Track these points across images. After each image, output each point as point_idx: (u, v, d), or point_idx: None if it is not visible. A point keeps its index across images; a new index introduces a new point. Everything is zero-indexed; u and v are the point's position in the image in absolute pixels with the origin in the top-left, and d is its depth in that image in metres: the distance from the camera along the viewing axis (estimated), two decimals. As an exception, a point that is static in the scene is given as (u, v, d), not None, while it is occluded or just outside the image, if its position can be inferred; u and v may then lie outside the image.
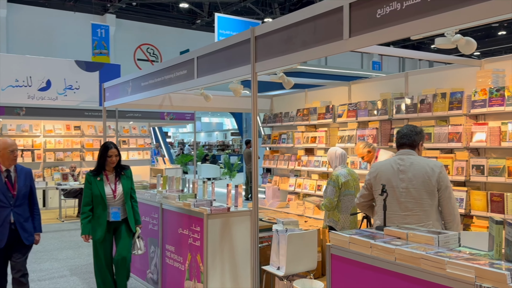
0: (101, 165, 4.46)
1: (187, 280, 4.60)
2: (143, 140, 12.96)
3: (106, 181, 4.46)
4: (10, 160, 4.05)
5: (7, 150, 4.03)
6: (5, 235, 4.03)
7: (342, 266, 2.94)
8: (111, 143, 4.49)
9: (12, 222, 4.06)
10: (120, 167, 4.54)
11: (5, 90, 11.65)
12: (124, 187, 4.50)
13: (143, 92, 5.46)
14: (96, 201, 4.38)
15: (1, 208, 4.04)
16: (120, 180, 4.51)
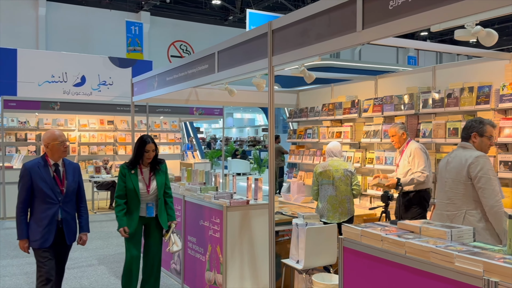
0: (137, 159, 4.27)
1: (208, 271, 4.68)
2: (174, 135, 13.19)
3: (140, 175, 4.27)
4: (59, 152, 3.78)
5: (56, 141, 3.75)
6: (52, 234, 3.76)
7: (354, 259, 2.93)
8: (149, 137, 4.28)
9: (59, 220, 3.79)
10: (155, 161, 4.34)
11: (42, 86, 12.13)
12: (158, 183, 4.31)
13: (168, 87, 5.58)
14: (129, 195, 4.23)
15: (49, 205, 3.75)
16: (155, 175, 4.32)
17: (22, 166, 3.78)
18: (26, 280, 5.44)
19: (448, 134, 5.19)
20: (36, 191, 3.72)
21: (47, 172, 3.75)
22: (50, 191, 3.74)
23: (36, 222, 3.74)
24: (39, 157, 3.84)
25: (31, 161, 3.82)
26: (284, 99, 8.24)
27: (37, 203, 3.73)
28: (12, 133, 11.33)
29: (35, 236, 3.73)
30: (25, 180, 3.72)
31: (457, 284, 2.27)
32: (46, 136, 3.81)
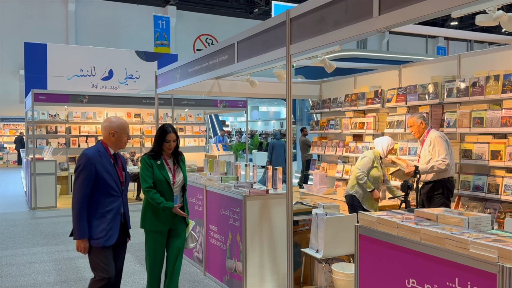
0: (158, 149, 4.00)
1: (228, 259, 4.75)
2: (199, 128, 13.32)
3: (166, 166, 4.02)
4: (122, 144, 3.52)
5: (125, 132, 3.51)
6: (116, 230, 3.45)
7: (369, 246, 2.93)
8: (170, 126, 4.03)
9: (122, 213, 3.52)
10: (178, 152, 4.12)
11: (71, 80, 12.45)
12: (184, 173, 4.13)
13: (190, 78, 5.65)
14: (160, 187, 3.93)
15: (114, 198, 3.44)
16: (179, 165, 4.12)
17: (83, 155, 3.36)
18: (55, 266, 5.63)
19: (473, 124, 5.09)
20: (98, 183, 3.35)
21: (109, 162, 3.43)
22: (114, 182, 3.43)
23: (98, 218, 3.36)
24: (96, 146, 3.47)
25: (90, 149, 3.45)
26: (307, 90, 8.22)
27: (98, 197, 3.36)
28: (43, 126, 11.68)
29: (98, 233, 3.35)
30: (88, 171, 3.31)
31: (472, 270, 2.25)
32: (115, 124, 3.49)
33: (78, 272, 5.37)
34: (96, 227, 3.36)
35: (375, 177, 5.35)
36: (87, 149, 3.49)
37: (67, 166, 11.79)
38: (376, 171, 5.36)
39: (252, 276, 4.50)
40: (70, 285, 4.93)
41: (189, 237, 4.20)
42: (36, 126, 11.50)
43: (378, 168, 5.38)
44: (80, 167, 3.34)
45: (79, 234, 3.32)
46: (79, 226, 3.31)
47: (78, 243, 3.35)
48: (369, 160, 5.39)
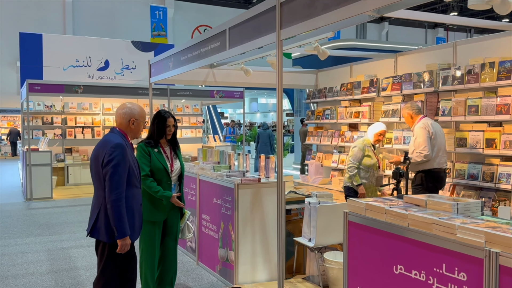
0: (157, 136, 3.87)
1: (221, 248, 4.72)
2: (196, 119, 13.26)
3: (164, 154, 3.90)
4: (139, 133, 3.29)
5: (144, 120, 3.28)
6: (140, 223, 3.27)
7: (358, 233, 2.89)
8: (167, 112, 3.94)
9: (141, 204, 3.31)
10: (174, 140, 4.02)
11: (67, 70, 12.37)
12: (181, 161, 4.03)
13: (183, 66, 5.58)
14: (158, 175, 3.82)
15: (136, 189, 3.21)
16: (176, 153, 4.02)
17: (118, 146, 3.02)
18: (48, 256, 5.60)
19: (468, 112, 5.03)
20: (129, 175, 3.10)
21: (131, 152, 3.20)
22: (137, 173, 3.21)
23: (127, 213, 3.06)
24: (116, 134, 3.16)
25: (117, 137, 3.12)
26: (303, 80, 8.16)
27: (128, 190, 3.10)
28: (38, 117, 11.63)
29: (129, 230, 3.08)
30: (126, 164, 3.04)
31: (459, 255, 2.21)
32: (136, 111, 3.22)
33: (71, 262, 5.34)
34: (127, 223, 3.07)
35: (368, 165, 5.31)
36: (112, 137, 3.13)
37: (63, 157, 11.75)
38: (368, 159, 5.32)
39: (244, 265, 4.47)
40: (61, 275, 4.91)
41: (185, 227, 4.14)
42: (32, 117, 11.45)
43: (371, 156, 5.34)
44: (115, 158, 3.00)
45: (123, 232, 3.00)
46: (122, 224, 2.99)
47: (122, 242, 3.01)
48: (358, 150, 5.36)
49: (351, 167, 5.32)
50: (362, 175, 5.30)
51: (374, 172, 5.33)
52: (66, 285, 4.59)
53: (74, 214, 8.19)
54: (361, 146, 5.38)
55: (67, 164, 11.69)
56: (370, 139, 5.39)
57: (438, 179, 4.88)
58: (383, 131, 5.38)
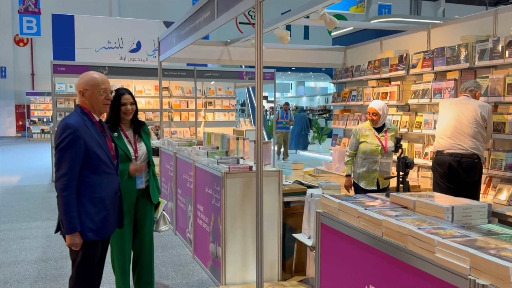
0: (115, 117, 3.42)
1: (211, 243, 4.26)
2: (229, 102, 12.82)
3: (125, 138, 3.46)
4: (99, 104, 2.76)
5: (98, 88, 2.72)
6: (116, 217, 2.89)
7: (331, 239, 2.32)
8: (123, 89, 3.50)
9: (119, 195, 2.91)
10: (137, 121, 3.57)
11: (99, 52, 12.28)
12: (148, 145, 3.60)
13: (182, 42, 5.11)
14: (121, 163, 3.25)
15: (109, 176, 2.78)
16: (142, 138, 3.58)
17: (66, 126, 2.60)
18: (44, 243, 5.40)
19: (507, 91, 4.22)
20: (90, 159, 2.66)
21: (97, 132, 2.73)
22: (106, 157, 2.75)
23: (96, 205, 2.69)
24: (77, 111, 2.75)
25: (72, 116, 2.71)
26: (329, 58, 7.46)
27: (93, 177, 2.68)
28: (71, 99, 11.63)
29: (97, 223, 2.69)
30: (76, 146, 2.60)
31: (437, 282, 1.60)
32: (82, 80, 2.74)
33: (64, 250, 5.09)
34: (95, 216, 2.67)
35: (365, 151, 4.65)
36: (68, 116, 2.74)
37: (95, 139, 11.74)
38: (364, 145, 4.64)
39: (233, 264, 3.98)
40: (48, 264, 4.65)
41: (160, 219, 3.70)
42: (64, 99, 11.46)
43: (368, 141, 4.65)
44: (64, 141, 2.57)
45: (70, 227, 2.58)
46: (69, 218, 2.57)
47: (70, 239, 2.60)
48: (352, 136, 4.73)
49: (345, 155, 4.75)
50: (359, 163, 4.65)
51: (375, 158, 4.63)
52: (47, 276, 4.32)
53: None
54: (354, 131, 4.77)
55: (99, 147, 11.67)
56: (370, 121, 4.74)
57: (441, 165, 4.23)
58: (370, 109, 4.68)
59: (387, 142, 4.63)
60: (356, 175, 4.73)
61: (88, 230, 2.65)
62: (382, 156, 4.59)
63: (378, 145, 4.60)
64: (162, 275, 4.38)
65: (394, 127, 4.86)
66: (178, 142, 5.76)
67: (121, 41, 12.36)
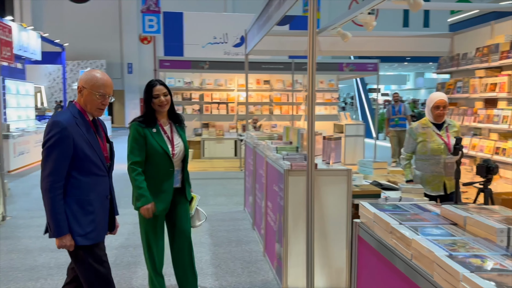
0: (149, 111, 3.22)
1: (277, 242, 4.06)
2: (330, 95, 12.40)
3: (164, 134, 3.26)
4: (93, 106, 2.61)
5: (97, 90, 2.58)
6: (106, 220, 2.71)
7: (367, 256, 1.98)
8: (156, 80, 3.27)
9: (110, 198, 2.75)
10: (174, 114, 3.37)
11: (205, 47, 12.69)
12: (185, 142, 3.38)
13: (259, 33, 4.96)
14: (155, 160, 3.21)
15: (100, 178, 2.63)
16: (178, 133, 3.37)
17: (55, 124, 2.48)
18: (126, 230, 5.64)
19: None
20: (79, 160, 2.52)
21: (88, 131, 2.59)
22: (98, 158, 2.60)
23: (84, 207, 2.55)
24: (70, 109, 2.61)
25: (63, 114, 2.58)
26: (434, 45, 6.73)
27: (81, 179, 2.54)
28: (179, 93, 12.21)
29: (86, 227, 2.54)
30: (64, 146, 2.47)
31: (460, 330, 1.22)
32: (83, 77, 2.62)
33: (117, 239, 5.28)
34: (83, 220, 2.53)
35: (425, 152, 4.02)
36: (58, 113, 2.61)
37: (200, 131, 12.19)
38: (423, 145, 4.01)
39: (295, 267, 3.74)
40: (127, 251, 4.87)
41: (195, 214, 3.55)
42: (173, 93, 12.08)
43: (428, 140, 4.00)
44: (51, 140, 2.45)
45: (58, 230, 2.46)
46: (56, 220, 2.45)
47: (59, 242, 2.48)
48: (408, 136, 4.10)
49: (401, 158, 4.18)
50: (420, 166, 4.04)
51: (438, 158, 3.97)
52: (122, 263, 4.52)
53: (188, 188, 8.31)
54: (409, 130, 4.16)
55: (203, 139, 12.09)
56: (428, 117, 4.06)
57: None
58: (440, 102, 3.93)
59: (450, 139, 3.97)
60: (418, 180, 4.14)
61: (76, 234, 2.51)
62: (447, 155, 3.94)
63: (440, 144, 3.97)
64: (228, 270, 4.31)
65: (455, 123, 4.15)
66: (258, 136, 5.64)
67: (226, 36, 12.65)
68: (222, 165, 10.99)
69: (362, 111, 17.66)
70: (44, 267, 4.37)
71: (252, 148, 5.56)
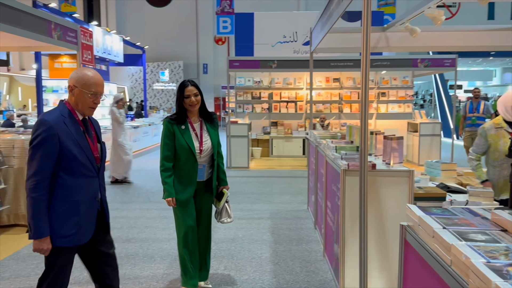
0: (180, 110, 3.47)
1: (335, 243, 4.01)
2: (405, 92, 11.94)
3: (192, 131, 3.49)
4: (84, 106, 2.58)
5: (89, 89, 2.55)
6: (93, 223, 2.64)
7: (413, 261, 1.91)
8: (188, 80, 3.50)
9: (99, 199, 2.68)
10: (206, 113, 3.58)
11: (275, 46, 12.76)
12: (213, 140, 3.56)
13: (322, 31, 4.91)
14: (182, 155, 3.46)
15: (88, 179, 2.59)
16: (208, 130, 3.56)
17: (41, 123, 2.46)
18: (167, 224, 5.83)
19: None
20: (66, 160, 2.48)
21: (77, 131, 2.55)
22: (86, 158, 2.55)
23: (69, 209, 2.51)
24: (58, 107, 2.59)
25: (50, 113, 2.54)
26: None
27: (67, 179, 2.50)
28: (248, 92, 12.41)
29: (69, 229, 2.50)
30: (49, 145, 2.43)
31: None
32: (74, 76, 2.58)
33: (210, 233, 5.44)
34: (66, 221, 2.49)
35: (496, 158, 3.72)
36: (45, 113, 2.56)
37: (269, 130, 12.31)
38: (495, 148, 3.67)
39: (352, 268, 3.67)
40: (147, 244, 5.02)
41: (223, 210, 3.69)
42: (243, 92, 12.31)
43: (498, 143, 3.66)
44: (36, 139, 2.43)
45: (38, 231, 2.41)
46: (37, 221, 2.41)
47: (37, 244, 2.43)
48: (479, 136, 3.77)
49: (469, 159, 3.94)
50: (491, 172, 3.72)
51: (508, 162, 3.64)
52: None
53: (254, 185, 8.44)
54: (481, 130, 3.85)
55: (272, 137, 12.20)
56: (504, 115, 3.73)
57: None
58: None
59: None
60: (493, 182, 3.85)
61: (57, 235, 2.48)
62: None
63: None
64: (287, 269, 4.32)
65: None
66: (321, 134, 5.59)
67: (295, 35, 12.63)
68: (289, 164, 11.03)
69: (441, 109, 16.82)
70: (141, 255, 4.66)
71: (314, 147, 5.53)
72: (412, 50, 6.94)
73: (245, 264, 4.45)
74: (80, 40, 6.46)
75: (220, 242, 5.07)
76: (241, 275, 4.16)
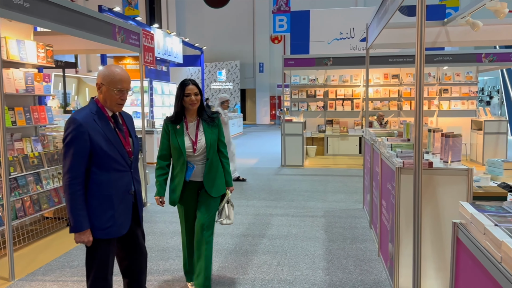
0: (179, 109, 3.48)
1: (389, 242, 3.96)
2: (468, 88, 11.44)
3: (185, 130, 3.49)
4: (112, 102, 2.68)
5: (115, 86, 2.64)
6: (128, 215, 2.76)
7: (464, 259, 1.89)
8: (189, 79, 3.50)
9: (133, 193, 2.79)
10: (203, 112, 3.55)
11: (331, 43, 12.66)
12: (208, 139, 3.49)
13: (378, 26, 4.84)
14: (175, 155, 3.51)
15: (120, 174, 2.69)
16: (203, 130, 3.52)
17: (71, 121, 2.56)
18: (251, 220, 5.95)
19: None
20: (97, 156, 2.59)
21: (108, 127, 2.66)
22: (118, 153, 2.66)
23: (103, 203, 2.63)
24: (88, 105, 2.69)
25: (80, 111, 2.64)
26: None
27: (100, 174, 2.61)
28: (303, 90, 12.40)
29: (104, 222, 2.64)
30: (80, 143, 2.54)
31: None
32: (101, 73, 2.67)
33: (264, 229, 5.54)
34: (102, 215, 2.63)
35: None
36: (76, 111, 2.66)
37: (324, 128, 12.23)
38: None
39: (407, 267, 3.61)
40: (246, 240, 5.13)
41: (222, 210, 3.67)
42: (298, 90, 12.32)
43: None
44: (67, 137, 2.53)
45: (77, 225, 2.55)
46: (75, 216, 2.54)
47: (78, 237, 2.58)
48: None
49: None
50: None
51: None
52: (241, 251, 4.79)
53: (309, 183, 8.44)
54: None
55: (327, 135, 12.12)
56: None
57: None
58: None
59: None
60: None
61: (95, 228, 2.61)
62: None
63: None
64: (341, 267, 4.32)
65: None
66: (377, 132, 5.52)
67: (352, 31, 12.46)
68: (345, 162, 10.92)
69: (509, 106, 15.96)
70: (174, 249, 4.84)
71: (370, 145, 5.47)
72: (474, 45, 6.65)
73: (298, 260, 4.49)
74: (142, 43, 6.77)
75: (274, 238, 5.14)
76: (294, 271, 4.21)
